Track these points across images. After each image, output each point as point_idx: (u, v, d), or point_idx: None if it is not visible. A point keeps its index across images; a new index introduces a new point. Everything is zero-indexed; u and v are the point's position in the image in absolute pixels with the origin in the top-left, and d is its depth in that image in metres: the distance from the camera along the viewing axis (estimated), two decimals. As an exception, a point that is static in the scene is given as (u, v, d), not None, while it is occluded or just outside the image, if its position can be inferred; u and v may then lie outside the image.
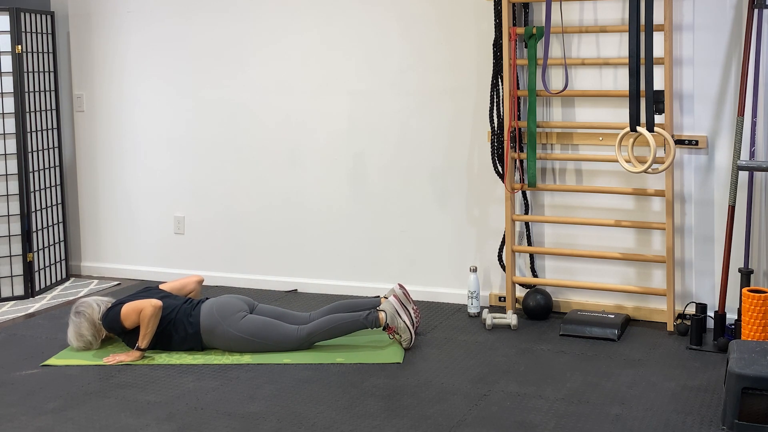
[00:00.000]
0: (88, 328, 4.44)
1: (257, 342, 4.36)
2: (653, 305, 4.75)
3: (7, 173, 5.51)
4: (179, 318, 4.40)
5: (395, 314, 4.34)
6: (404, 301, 4.43)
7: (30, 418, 3.68)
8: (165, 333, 4.39)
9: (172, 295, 4.56)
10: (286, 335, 4.37)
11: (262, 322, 4.38)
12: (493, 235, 5.09)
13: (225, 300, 4.46)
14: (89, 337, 4.45)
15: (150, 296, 4.47)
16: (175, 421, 3.61)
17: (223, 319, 4.36)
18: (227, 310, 4.39)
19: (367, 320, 4.35)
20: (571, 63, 4.74)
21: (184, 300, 4.52)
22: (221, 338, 4.37)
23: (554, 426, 3.47)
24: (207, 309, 4.40)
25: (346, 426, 3.52)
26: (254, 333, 4.35)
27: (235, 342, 4.36)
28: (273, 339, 4.36)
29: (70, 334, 4.47)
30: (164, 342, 4.42)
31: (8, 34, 5.49)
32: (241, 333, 4.34)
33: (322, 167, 5.45)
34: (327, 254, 5.49)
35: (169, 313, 4.41)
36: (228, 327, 4.35)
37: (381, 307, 4.37)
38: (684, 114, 4.59)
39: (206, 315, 4.38)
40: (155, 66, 5.81)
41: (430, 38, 5.10)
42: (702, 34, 4.50)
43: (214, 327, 4.36)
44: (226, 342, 4.37)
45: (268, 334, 4.36)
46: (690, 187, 4.63)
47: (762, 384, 3.30)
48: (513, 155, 4.86)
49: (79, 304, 4.50)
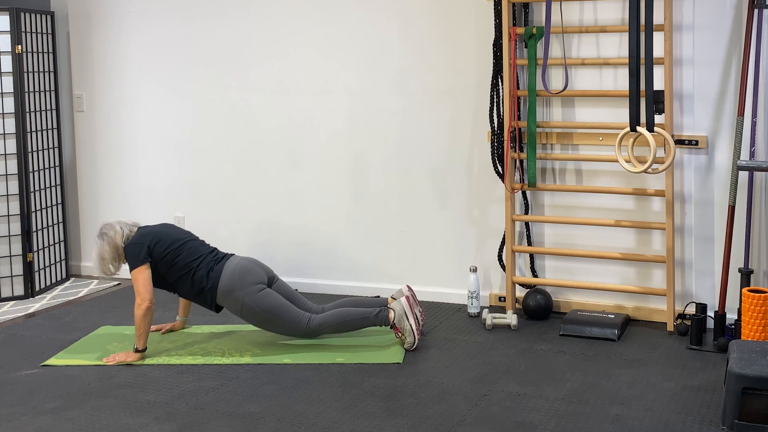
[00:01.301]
0: (109, 252, 4.43)
1: (266, 319, 4.37)
2: (653, 305, 4.75)
3: (7, 173, 5.51)
4: (201, 267, 4.40)
5: (403, 315, 4.34)
6: (413, 304, 4.43)
7: (30, 418, 3.68)
8: (183, 279, 4.40)
9: (198, 240, 4.56)
10: (296, 321, 4.38)
11: (277, 301, 4.38)
12: (493, 235, 5.09)
13: (248, 266, 4.44)
14: (109, 260, 4.44)
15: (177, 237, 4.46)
16: (175, 421, 3.62)
17: (242, 284, 4.36)
18: (248, 278, 4.38)
19: (377, 318, 4.36)
20: (571, 63, 4.74)
21: (210, 250, 4.52)
22: (234, 303, 4.37)
23: (554, 426, 3.47)
24: (230, 270, 4.39)
25: (346, 426, 3.52)
26: (267, 310, 4.36)
27: (247, 311, 4.37)
28: (283, 321, 4.37)
29: (93, 257, 4.48)
30: (179, 287, 4.44)
31: (8, 34, 5.50)
32: (255, 305, 4.35)
33: (322, 167, 5.46)
34: (327, 254, 5.49)
35: (193, 260, 4.41)
36: (244, 295, 4.35)
37: (391, 306, 4.38)
38: (684, 114, 4.59)
39: (227, 275, 4.38)
40: (155, 66, 5.81)
41: (430, 38, 5.11)
42: (702, 34, 4.50)
43: (231, 290, 4.36)
44: (237, 307, 4.38)
45: (279, 315, 4.36)
46: (690, 187, 4.63)
47: (762, 384, 3.30)
48: (513, 155, 4.86)
49: (104, 226, 4.50)
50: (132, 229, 4.48)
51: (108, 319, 5.08)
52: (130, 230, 4.47)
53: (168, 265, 4.40)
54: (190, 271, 4.40)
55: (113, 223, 4.50)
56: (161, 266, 4.39)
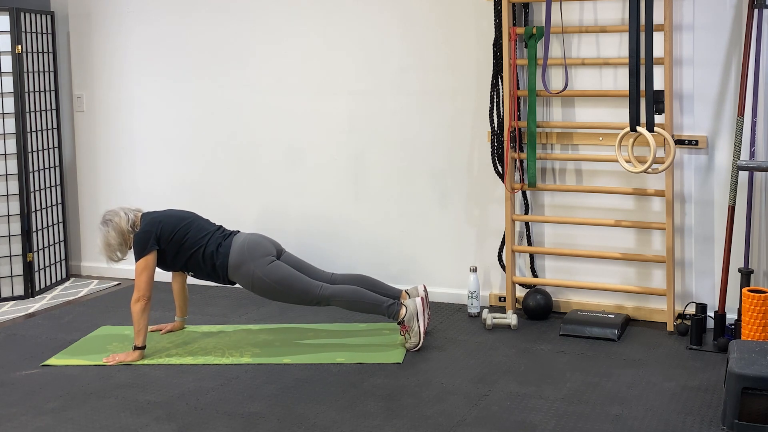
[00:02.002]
0: (115, 237, 4.44)
1: (278, 290, 4.38)
2: (653, 305, 4.75)
3: (7, 173, 5.51)
4: (210, 244, 4.42)
5: (414, 317, 4.34)
6: (425, 306, 4.43)
7: (30, 418, 3.68)
8: (193, 257, 4.42)
9: (204, 219, 4.58)
10: (308, 290, 4.38)
11: (287, 271, 4.39)
12: (493, 235, 5.09)
13: (257, 239, 4.47)
14: (116, 246, 4.45)
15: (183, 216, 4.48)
16: (175, 421, 3.61)
17: (252, 258, 4.38)
18: (258, 251, 4.40)
19: (388, 309, 4.36)
20: (571, 63, 4.74)
21: (217, 228, 4.54)
22: (245, 276, 4.39)
23: (554, 426, 3.47)
24: (239, 244, 4.42)
25: (346, 426, 3.52)
26: (278, 281, 4.37)
27: (258, 283, 4.38)
28: (295, 290, 4.38)
29: (99, 243, 4.49)
30: (192, 266, 4.45)
31: (8, 34, 5.50)
32: (266, 277, 4.36)
33: (322, 167, 5.46)
34: (327, 254, 5.49)
35: (201, 237, 4.43)
36: (255, 267, 4.36)
37: (405, 303, 4.38)
38: (684, 114, 4.59)
39: (236, 250, 4.39)
40: (155, 66, 5.81)
41: (430, 38, 5.11)
42: (702, 34, 4.50)
43: (241, 264, 4.37)
44: (248, 280, 4.40)
45: (291, 284, 4.37)
46: (690, 187, 4.63)
47: (762, 384, 3.30)
48: (513, 155, 4.86)
49: (107, 212, 4.51)
50: (136, 215, 4.49)
51: (108, 319, 5.08)
52: (135, 215, 4.48)
53: (178, 246, 4.41)
54: (200, 248, 4.42)
55: (117, 209, 4.51)
56: (171, 248, 4.41)
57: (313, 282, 4.42)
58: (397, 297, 4.52)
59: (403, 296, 4.54)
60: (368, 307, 4.40)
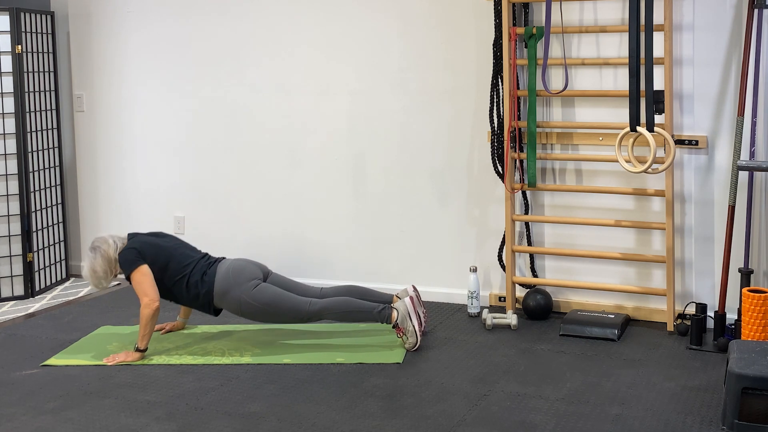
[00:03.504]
0: (101, 265, 4.42)
1: (267, 312, 4.37)
2: (653, 305, 4.75)
3: (7, 173, 5.51)
4: (194, 273, 4.41)
5: (407, 316, 4.34)
6: (416, 304, 4.43)
7: (30, 418, 3.68)
8: (177, 286, 4.41)
9: (189, 246, 4.57)
10: (297, 308, 4.37)
11: (274, 292, 4.39)
12: (493, 235, 5.09)
13: (241, 265, 4.46)
14: (101, 274, 4.43)
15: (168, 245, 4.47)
16: (175, 421, 3.61)
17: (237, 284, 4.37)
18: (242, 276, 4.40)
19: (380, 314, 4.36)
20: (571, 63, 4.74)
21: (202, 255, 4.53)
22: (232, 302, 4.38)
23: (554, 426, 3.47)
24: (223, 271, 4.41)
25: (346, 426, 3.52)
26: (266, 302, 4.36)
27: (246, 308, 4.37)
28: (284, 310, 4.37)
29: (84, 269, 4.47)
30: (176, 294, 4.45)
31: (8, 34, 5.50)
32: (253, 301, 4.36)
33: (322, 167, 5.46)
34: (327, 254, 5.49)
35: (186, 265, 4.42)
36: (241, 293, 4.36)
37: (395, 305, 4.38)
38: (684, 114, 4.59)
39: (221, 277, 4.39)
40: (155, 66, 5.81)
41: (430, 38, 5.11)
42: (702, 34, 4.50)
43: (227, 290, 4.37)
44: (236, 306, 4.39)
45: (279, 305, 4.37)
46: (690, 187, 4.63)
47: (762, 384, 3.30)
48: (513, 155, 4.86)
49: (96, 240, 4.49)
50: (124, 242, 4.49)
51: (108, 319, 5.08)
52: (123, 242, 4.48)
53: (161, 273, 4.40)
54: (184, 276, 4.41)
55: (105, 236, 4.50)
56: (155, 272, 4.39)
57: (301, 299, 4.41)
58: (388, 302, 4.52)
59: (395, 300, 4.54)
60: (360, 316, 4.40)
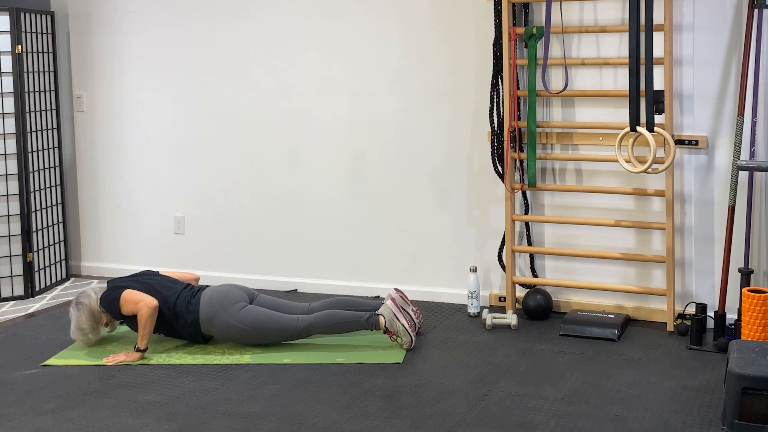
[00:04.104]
0: (86, 321, 4.43)
1: (255, 333, 4.37)
2: (653, 305, 4.75)
3: (7, 173, 5.51)
4: (179, 304, 4.40)
5: (393, 318, 4.34)
6: (402, 304, 4.43)
7: (30, 418, 3.68)
8: (163, 318, 4.39)
9: (171, 280, 4.56)
10: (284, 327, 4.37)
11: (261, 313, 4.38)
12: (493, 235, 5.09)
13: (225, 289, 4.46)
14: (87, 330, 4.44)
15: (149, 282, 4.46)
16: (175, 421, 3.62)
17: (222, 308, 4.36)
18: (227, 300, 4.39)
19: (367, 322, 4.36)
20: (571, 63, 4.74)
21: (184, 286, 4.52)
22: (220, 327, 4.37)
23: (554, 426, 3.47)
24: (207, 297, 4.41)
25: (346, 426, 3.52)
26: (253, 324, 4.36)
27: (234, 331, 4.37)
28: (272, 329, 4.37)
29: (72, 327, 4.47)
30: (164, 327, 4.43)
31: (8, 34, 5.49)
32: (240, 323, 4.35)
33: (322, 167, 5.45)
34: (327, 254, 5.49)
35: (169, 297, 4.41)
36: (227, 317, 4.35)
37: (379, 311, 4.38)
38: (684, 114, 4.59)
39: (206, 304, 4.39)
40: (155, 66, 5.81)
41: (430, 38, 5.10)
42: (702, 34, 4.50)
43: (213, 316, 4.37)
44: (224, 331, 4.38)
45: (266, 325, 4.36)
46: (690, 187, 4.63)
47: (762, 384, 3.30)
48: (513, 155, 4.86)
49: (79, 295, 4.50)
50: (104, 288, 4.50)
51: (108, 319, 5.08)
52: (102, 290, 4.49)
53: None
54: (170, 308, 4.40)
55: (88, 290, 4.51)
56: None
57: (288, 317, 4.40)
58: (375, 309, 4.50)
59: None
60: (347, 326, 4.39)
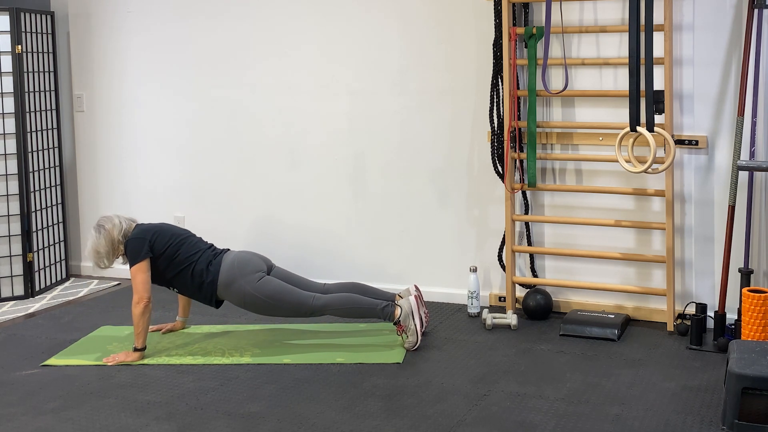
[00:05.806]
0: (105, 246, 4.42)
1: (270, 304, 4.38)
2: (653, 305, 4.75)
3: (7, 173, 5.51)
4: (200, 261, 4.41)
5: (410, 314, 4.34)
6: (420, 305, 4.43)
7: (30, 418, 3.68)
8: (183, 273, 4.40)
9: (197, 237, 4.57)
10: (301, 302, 4.38)
11: (279, 285, 4.39)
12: (493, 235, 5.09)
13: (246, 257, 4.47)
14: (104, 255, 4.43)
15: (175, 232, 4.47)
16: (175, 421, 3.62)
17: (242, 275, 4.37)
18: (247, 267, 4.40)
19: (382, 311, 4.36)
20: (571, 63, 4.74)
21: (208, 246, 4.53)
22: (236, 293, 4.38)
23: (554, 426, 3.47)
24: (228, 261, 4.41)
25: (346, 426, 3.52)
26: (270, 295, 4.37)
27: (249, 299, 4.37)
28: (288, 303, 4.38)
29: (88, 248, 4.47)
30: (179, 283, 4.43)
31: (8, 34, 5.50)
32: (257, 292, 4.36)
33: (322, 167, 5.46)
34: (327, 254, 5.49)
35: (193, 254, 4.42)
36: (245, 284, 4.36)
37: (399, 302, 4.38)
38: (684, 114, 4.59)
39: (227, 268, 4.39)
40: (155, 66, 5.81)
41: (430, 38, 5.11)
42: (702, 34, 4.50)
43: (232, 281, 4.37)
44: (239, 298, 4.39)
45: (283, 298, 4.37)
46: (690, 187, 4.63)
47: (762, 384, 3.30)
48: (513, 155, 4.86)
49: (101, 219, 4.49)
50: (130, 225, 4.48)
51: (108, 319, 5.08)
52: (129, 225, 4.47)
53: (168, 260, 4.40)
54: (190, 265, 4.41)
55: (112, 216, 4.49)
56: (161, 261, 4.39)
57: (305, 293, 4.41)
58: (391, 299, 4.52)
59: (397, 298, 4.54)
60: (363, 312, 4.40)
